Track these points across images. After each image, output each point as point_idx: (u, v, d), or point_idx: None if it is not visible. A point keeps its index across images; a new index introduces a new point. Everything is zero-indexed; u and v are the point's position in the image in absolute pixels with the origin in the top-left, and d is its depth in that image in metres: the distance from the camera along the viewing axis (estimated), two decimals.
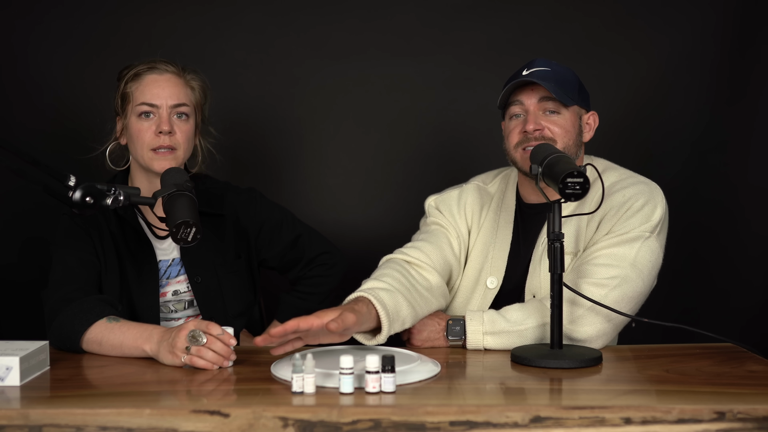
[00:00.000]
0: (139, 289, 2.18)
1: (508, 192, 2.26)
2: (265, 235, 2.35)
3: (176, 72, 2.20)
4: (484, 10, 3.09)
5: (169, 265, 2.23)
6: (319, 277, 2.46)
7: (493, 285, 2.17)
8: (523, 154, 2.12)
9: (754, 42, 3.01)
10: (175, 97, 2.17)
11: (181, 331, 1.82)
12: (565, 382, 1.73)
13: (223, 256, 2.27)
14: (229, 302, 2.26)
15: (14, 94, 3.01)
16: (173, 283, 2.23)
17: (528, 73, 2.11)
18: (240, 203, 2.31)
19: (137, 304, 2.17)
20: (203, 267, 2.24)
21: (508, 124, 2.17)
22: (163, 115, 2.15)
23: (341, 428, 1.51)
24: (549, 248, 1.86)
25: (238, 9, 3.09)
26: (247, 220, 2.32)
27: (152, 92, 2.15)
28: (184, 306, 2.24)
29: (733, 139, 3.05)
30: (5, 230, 3.03)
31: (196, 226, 1.90)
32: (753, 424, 1.50)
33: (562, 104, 2.11)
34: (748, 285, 3.04)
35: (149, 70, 2.18)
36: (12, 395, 1.64)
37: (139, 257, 2.19)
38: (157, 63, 2.20)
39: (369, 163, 3.15)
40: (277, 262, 2.40)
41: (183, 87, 2.19)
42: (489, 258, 2.20)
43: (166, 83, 2.17)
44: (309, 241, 2.43)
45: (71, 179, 1.83)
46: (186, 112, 2.19)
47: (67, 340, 1.95)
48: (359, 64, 3.10)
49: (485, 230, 2.23)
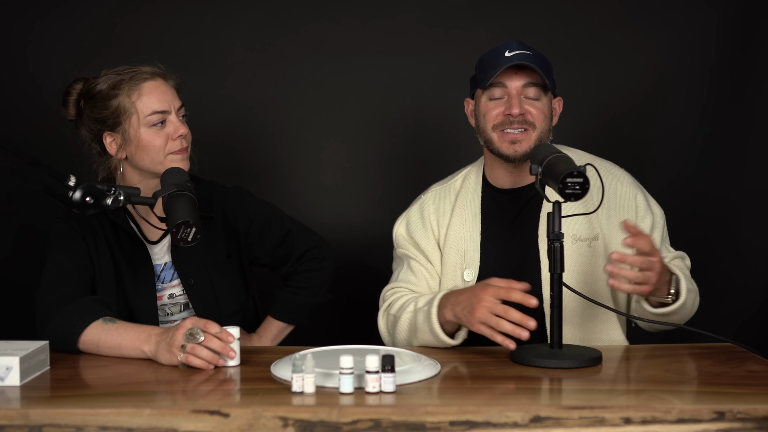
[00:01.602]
0: (136, 292, 2.18)
1: (472, 182, 2.27)
2: (255, 233, 2.33)
3: (161, 74, 2.17)
4: (485, 9, 3.09)
5: (162, 269, 2.23)
6: (311, 271, 2.43)
7: (470, 277, 2.17)
8: (501, 135, 2.12)
9: (754, 42, 3.01)
10: (176, 100, 2.16)
11: (179, 329, 1.82)
12: (565, 382, 1.73)
13: (215, 257, 2.26)
14: (223, 302, 2.26)
15: (14, 94, 3.01)
16: (168, 287, 2.23)
17: (512, 55, 2.10)
18: (227, 202, 2.30)
19: (135, 308, 2.17)
20: (195, 269, 2.23)
21: (485, 103, 2.15)
22: (175, 119, 2.13)
23: (341, 428, 1.51)
24: (549, 248, 1.87)
25: (236, 8, 3.08)
26: (236, 219, 2.30)
27: (158, 99, 2.12)
28: (180, 309, 2.24)
29: (733, 139, 3.05)
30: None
31: (197, 226, 1.90)
32: (753, 424, 1.50)
33: (542, 91, 2.13)
34: (745, 286, 3.04)
35: (139, 77, 2.12)
36: (12, 395, 1.64)
37: (134, 261, 2.18)
38: (136, 69, 2.14)
39: (368, 162, 3.15)
40: (268, 258, 2.39)
41: (172, 87, 2.18)
42: (462, 251, 2.20)
43: (163, 87, 2.15)
44: (299, 236, 2.41)
45: (71, 179, 1.83)
46: (185, 112, 2.19)
47: (64, 342, 1.94)
48: (359, 64, 3.10)
49: (455, 225, 2.23)
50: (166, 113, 2.13)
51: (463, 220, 2.22)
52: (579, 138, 2.69)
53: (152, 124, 2.11)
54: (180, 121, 2.15)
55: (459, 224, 2.22)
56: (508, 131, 2.11)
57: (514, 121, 2.10)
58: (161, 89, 2.14)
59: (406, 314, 2.07)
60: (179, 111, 2.16)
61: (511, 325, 1.81)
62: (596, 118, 3.06)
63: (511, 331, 1.80)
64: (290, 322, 2.44)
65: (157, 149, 2.12)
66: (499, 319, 1.82)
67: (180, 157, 2.14)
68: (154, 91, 2.13)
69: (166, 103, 2.13)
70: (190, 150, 2.18)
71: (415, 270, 2.22)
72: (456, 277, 2.19)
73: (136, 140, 2.12)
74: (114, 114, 2.12)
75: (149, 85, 2.13)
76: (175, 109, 2.14)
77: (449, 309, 1.94)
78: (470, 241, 2.20)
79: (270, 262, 2.41)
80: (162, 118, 2.12)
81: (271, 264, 2.42)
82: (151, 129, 2.12)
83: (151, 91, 2.13)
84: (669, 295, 1.97)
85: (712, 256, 3.06)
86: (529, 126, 2.11)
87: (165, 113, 2.13)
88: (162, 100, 2.13)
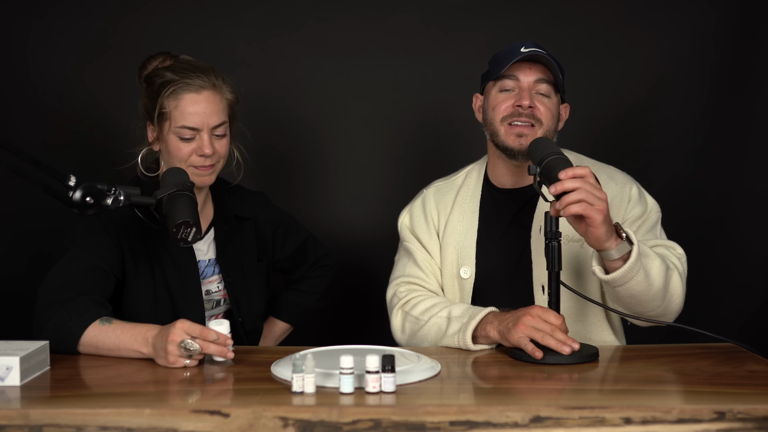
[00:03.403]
0: (182, 291, 2.17)
1: (473, 180, 2.28)
2: (279, 239, 2.40)
3: (212, 87, 2.14)
4: (485, 9, 3.09)
5: (206, 265, 2.24)
6: (320, 278, 2.55)
7: (467, 275, 2.18)
8: (508, 128, 2.13)
9: (754, 41, 3.01)
10: (215, 117, 2.13)
11: (170, 343, 1.79)
12: (565, 381, 1.73)
13: (250, 259, 2.30)
14: (255, 302, 2.31)
15: (14, 93, 3.01)
16: (205, 283, 2.24)
17: (528, 51, 2.11)
18: (257, 207, 2.35)
19: (180, 307, 2.16)
20: (235, 268, 2.26)
21: (496, 95, 2.16)
22: (205, 138, 2.11)
23: (341, 428, 1.51)
24: (546, 246, 1.88)
25: (237, 8, 3.08)
26: (264, 224, 2.36)
27: (192, 115, 2.10)
28: (213, 305, 2.25)
29: (733, 139, 3.05)
30: (14, 245, 3.03)
31: (196, 226, 1.90)
32: (753, 424, 1.50)
33: (553, 89, 2.14)
34: (745, 287, 3.04)
35: (186, 87, 2.11)
36: (12, 395, 1.63)
37: (178, 258, 2.18)
38: (192, 78, 2.12)
39: (368, 162, 3.15)
40: (287, 263, 2.47)
41: (220, 103, 2.15)
42: (459, 248, 2.21)
43: (205, 103, 2.12)
44: (314, 243, 2.51)
45: (71, 179, 1.83)
46: (225, 129, 2.17)
47: (64, 342, 1.93)
48: (359, 64, 3.10)
49: (454, 222, 2.24)
50: (197, 131, 2.11)
51: (461, 217, 2.23)
52: (579, 138, 2.70)
53: (180, 136, 2.12)
54: (210, 140, 2.12)
55: (457, 221, 2.22)
56: (516, 123, 2.12)
57: (523, 113, 2.11)
58: (202, 105, 2.11)
59: (437, 319, 2.06)
60: (216, 129, 2.13)
61: (555, 342, 1.83)
62: (596, 117, 3.06)
63: (555, 346, 1.83)
64: (295, 324, 2.52)
65: (181, 159, 2.13)
66: (544, 334, 1.84)
67: (200, 172, 2.14)
68: (192, 105, 2.11)
69: (200, 121, 2.11)
70: (221, 165, 2.18)
71: (422, 265, 2.23)
72: (453, 273, 2.20)
73: (166, 142, 2.14)
74: (158, 109, 2.13)
75: (190, 98, 2.11)
76: (208, 128, 2.12)
77: (494, 326, 1.94)
78: (467, 239, 2.20)
79: (287, 266, 2.49)
80: (191, 135, 2.11)
81: (287, 268, 2.49)
82: (179, 139, 2.12)
83: (189, 104, 2.11)
84: (620, 259, 1.89)
85: (712, 256, 3.06)
86: (536, 122, 2.12)
87: (195, 131, 2.11)
88: (197, 117, 2.11)
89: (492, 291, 2.17)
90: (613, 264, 1.90)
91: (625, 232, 1.89)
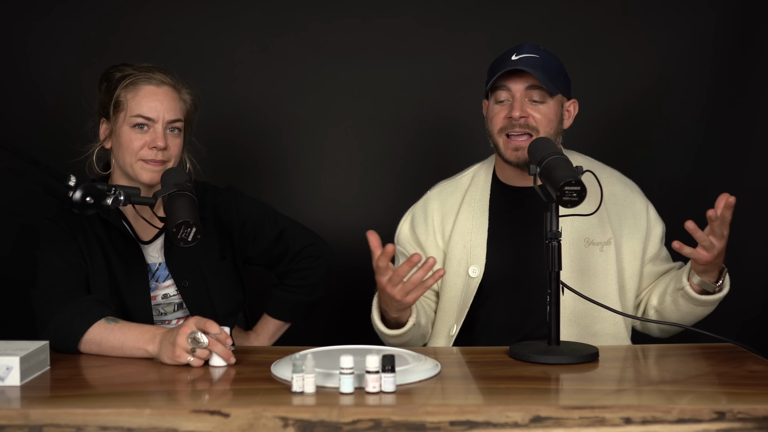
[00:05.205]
0: (129, 290, 2.16)
1: (481, 179, 2.27)
2: (249, 233, 2.33)
3: (173, 84, 2.16)
4: (485, 9, 3.09)
5: (157, 268, 2.22)
6: (306, 269, 2.44)
7: (475, 274, 2.18)
8: (506, 141, 2.14)
9: (754, 42, 3.01)
10: (171, 112, 2.13)
11: (180, 335, 1.81)
12: (565, 381, 1.73)
13: (209, 258, 2.25)
14: (218, 303, 2.25)
15: (14, 94, 3.01)
16: (162, 287, 2.22)
17: (517, 59, 2.12)
18: (220, 203, 2.29)
19: (129, 306, 2.16)
20: (189, 271, 2.22)
21: (492, 107, 2.17)
22: (159, 130, 2.11)
23: (341, 428, 1.51)
24: (546, 246, 1.88)
25: (237, 8, 3.08)
26: (229, 220, 2.30)
27: (149, 105, 2.11)
28: (174, 308, 2.24)
29: (733, 140, 3.05)
30: (16, 245, 3.02)
31: (197, 226, 1.89)
32: (753, 424, 1.50)
33: (547, 93, 2.13)
34: (745, 287, 3.03)
35: (146, 80, 2.13)
36: (12, 395, 1.64)
37: (127, 259, 2.17)
38: (153, 73, 2.14)
39: (368, 162, 3.15)
40: (264, 259, 2.39)
41: (178, 101, 2.16)
42: (468, 247, 2.20)
43: (163, 96, 2.13)
44: (293, 234, 2.41)
45: (71, 179, 1.83)
46: (179, 127, 2.16)
47: (65, 340, 1.94)
48: (359, 64, 3.10)
49: (462, 221, 2.23)
50: (152, 121, 2.11)
51: (470, 216, 2.22)
52: (579, 138, 2.69)
53: (134, 125, 2.11)
54: (164, 134, 2.11)
55: (466, 220, 2.22)
56: (512, 137, 2.12)
57: (516, 124, 2.11)
58: (159, 97, 2.12)
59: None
60: (170, 124, 2.13)
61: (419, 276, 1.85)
62: (596, 118, 3.06)
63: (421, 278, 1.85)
64: (287, 320, 2.44)
65: (131, 151, 2.11)
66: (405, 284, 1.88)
67: (149, 167, 2.12)
68: (149, 96, 2.12)
69: (156, 111, 2.11)
70: (172, 165, 2.14)
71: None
72: (460, 272, 2.19)
73: (118, 135, 2.13)
74: (114, 104, 2.13)
75: (149, 89, 2.12)
76: (164, 121, 2.12)
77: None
78: (477, 237, 2.20)
79: (265, 261, 2.41)
80: (145, 122, 2.11)
81: (266, 264, 2.42)
82: (132, 129, 2.11)
83: (147, 95, 2.12)
84: (716, 284, 2.04)
85: None
86: (533, 131, 2.11)
87: (150, 120, 2.11)
88: (153, 107, 2.11)
89: (497, 290, 2.17)
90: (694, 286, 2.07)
91: (723, 278, 2.06)
